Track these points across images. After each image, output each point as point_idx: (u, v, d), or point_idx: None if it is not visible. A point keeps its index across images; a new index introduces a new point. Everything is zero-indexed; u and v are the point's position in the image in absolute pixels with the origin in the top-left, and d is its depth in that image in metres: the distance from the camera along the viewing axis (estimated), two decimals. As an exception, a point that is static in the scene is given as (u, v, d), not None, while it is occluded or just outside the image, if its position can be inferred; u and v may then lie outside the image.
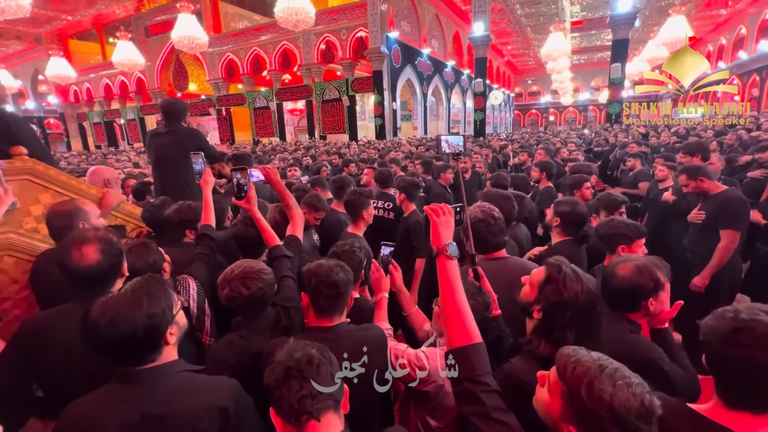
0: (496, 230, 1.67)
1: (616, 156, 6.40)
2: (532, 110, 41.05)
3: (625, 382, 0.74)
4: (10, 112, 2.10)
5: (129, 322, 0.94)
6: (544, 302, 1.12)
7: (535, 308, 1.14)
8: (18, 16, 10.21)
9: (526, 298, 1.18)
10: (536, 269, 1.21)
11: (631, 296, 1.32)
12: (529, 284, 1.20)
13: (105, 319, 0.93)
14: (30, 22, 20.51)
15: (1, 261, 1.91)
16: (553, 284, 1.11)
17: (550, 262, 1.17)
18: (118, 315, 0.94)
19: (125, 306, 0.95)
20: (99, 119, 27.70)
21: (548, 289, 1.12)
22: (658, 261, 1.35)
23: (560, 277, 1.11)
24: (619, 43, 15.12)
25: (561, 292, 1.09)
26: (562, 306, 1.08)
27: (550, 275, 1.13)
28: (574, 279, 1.10)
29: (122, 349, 0.97)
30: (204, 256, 1.74)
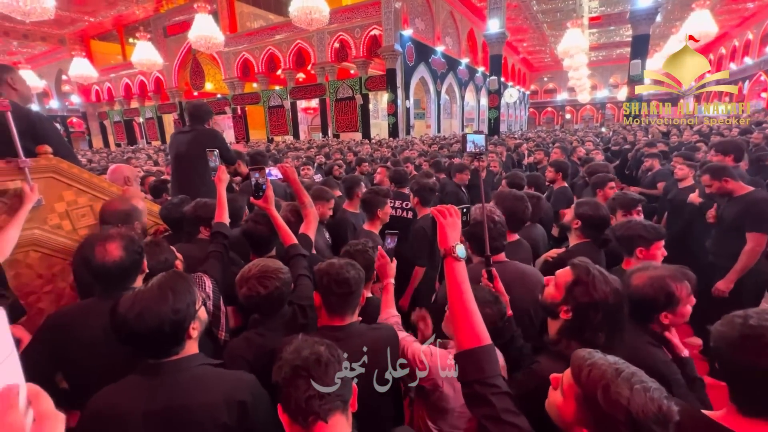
0: (496, 234, 1.66)
1: (635, 155, 6.25)
2: (548, 108, 40.36)
3: (643, 387, 0.73)
4: (36, 112, 2.17)
5: (155, 316, 0.98)
6: (574, 303, 1.11)
7: (562, 309, 1.14)
8: (43, 18, 10.53)
9: (552, 299, 1.18)
10: (561, 270, 1.20)
11: (642, 307, 1.28)
12: (554, 285, 1.19)
13: (133, 313, 0.97)
14: (54, 23, 21.17)
15: (27, 256, 1.98)
16: (583, 286, 1.11)
17: (576, 264, 1.16)
18: (146, 309, 0.97)
19: (152, 300, 0.99)
20: (119, 118, 28.42)
21: (578, 291, 1.11)
22: (679, 273, 1.28)
23: (589, 278, 1.11)
24: (640, 38, 14.71)
25: (591, 294, 1.09)
26: (593, 307, 1.08)
27: (578, 277, 1.13)
28: (603, 280, 1.10)
29: (148, 341, 1.00)
30: (218, 254, 1.77)
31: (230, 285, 1.58)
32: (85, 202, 2.15)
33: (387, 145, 10.33)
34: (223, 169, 2.04)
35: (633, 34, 15.07)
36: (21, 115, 1.89)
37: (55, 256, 2.07)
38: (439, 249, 1.09)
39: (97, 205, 2.19)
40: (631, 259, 1.80)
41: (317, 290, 1.35)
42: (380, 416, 1.35)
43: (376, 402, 1.29)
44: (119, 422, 0.95)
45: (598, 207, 2.00)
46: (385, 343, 1.27)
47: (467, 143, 1.47)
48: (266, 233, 1.87)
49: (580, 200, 2.11)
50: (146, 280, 1.43)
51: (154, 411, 0.96)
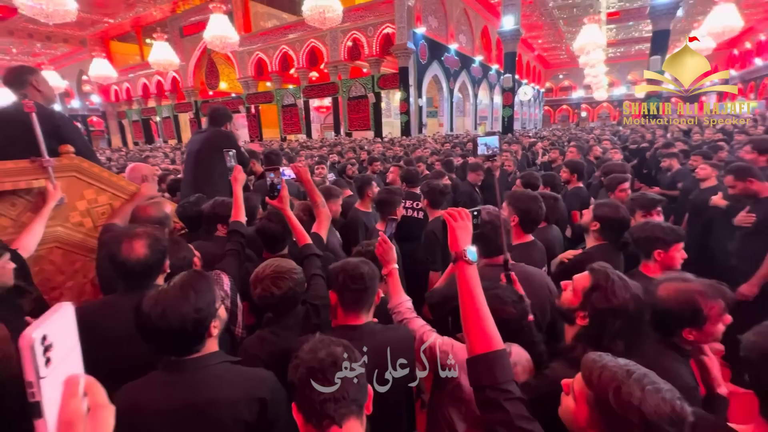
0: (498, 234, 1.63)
1: (653, 154, 6.09)
2: (563, 106, 39.66)
3: (654, 387, 0.71)
4: (59, 112, 2.24)
5: (178, 315, 1.00)
6: (591, 309, 1.09)
7: (578, 315, 1.12)
8: (65, 20, 10.83)
9: (569, 304, 1.16)
10: (579, 275, 1.17)
11: (666, 320, 1.20)
12: (571, 290, 1.17)
13: (156, 312, 0.99)
14: (76, 25, 21.70)
15: (51, 253, 2.04)
16: (601, 292, 1.08)
17: (595, 269, 1.13)
18: (169, 308, 1.00)
19: (175, 300, 1.01)
20: (137, 117, 29.07)
21: (595, 297, 1.09)
22: (713, 289, 1.16)
23: (608, 284, 1.08)
24: (660, 34, 14.32)
25: (610, 300, 1.06)
26: (611, 314, 1.05)
27: (597, 282, 1.10)
28: (622, 286, 1.07)
29: (171, 339, 1.03)
30: (235, 252, 1.79)
31: (246, 282, 1.61)
32: (105, 201, 2.21)
33: (399, 144, 10.30)
34: (239, 168, 2.07)
35: (653, 29, 14.70)
36: (45, 116, 1.94)
37: (77, 252, 2.13)
38: (449, 250, 1.08)
39: (116, 203, 2.25)
40: (648, 261, 1.75)
41: (332, 289, 1.35)
42: (394, 419, 1.35)
43: (390, 405, 1.30)
44: (143, 418, 0.97)
45: (617, 208, 1.94)
46: (401, 344, 1.27)
47: (478, 146, 1.43)
48: (279, 231, 1.89)
49: (599, 201, 2.06)
50: (167, 279, 1.47)
51: (177, 407, 0.99)
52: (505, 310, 1.23)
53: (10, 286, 1.53)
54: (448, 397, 1.32)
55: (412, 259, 2.64)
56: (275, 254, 1.94)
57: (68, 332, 0.43)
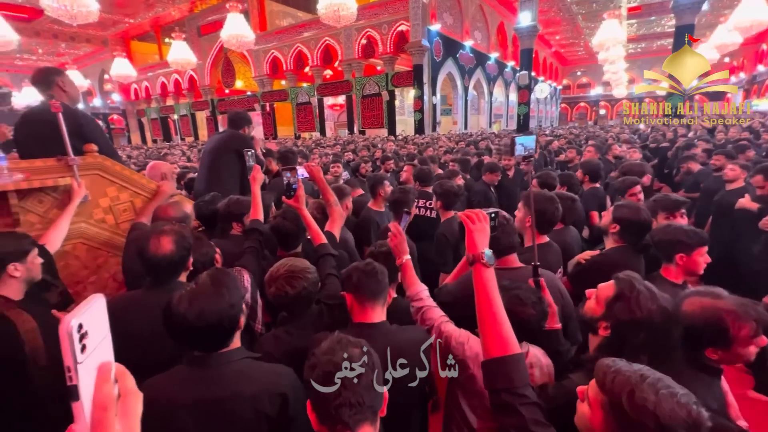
0: (510, 229, 1.62)
1: (675, 153, 5.92)
2: (581, 103, 38.84)
3: (669, 392, 0.70)
4: (83, 112, 2.30)
5: (216, 312, 1.02)
6: (613, 320, 1.05)
7: (601, 325, 1.08)
8: (88, 20, 11.15)
9: (592, 313, 1.12)
10: (604, 284, 1.14)
11: (690, 337, 1.12)
12: (595, 299, 1.14)
13: (193, 312, 1.01)
14: (98, 25, 22.29)
15: (75, 248, 2.11)
16: (625, 302, 1.04)
17: (621, 278, 1.09)
18: (206, 306, 1.02)
19: (211, 297, 1.03)
20: (155, 115, 29.75)
21: (618, 307, 1.05)
22: (745, 309, 1.06)
23: (633, 294, 1.04)
24: (684, 29, 13.85)
25: (633, 311, 1.02)
26: (634, 326, 1.01)
27: (621, 292, 1.07)
28: (649, 297, 1.03)
29: (206, 336, 1.05)
30: (254, 250, 1.82)
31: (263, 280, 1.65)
32: (126, 198, 2.27)
33: (413, 142, 10.27)
34: (257, 168, 2.10)
35: (676, 24, 14.27)
36: (70, 116, 2.01)
37: (100, 248, 2.20)
38: (467, 254, 1.08)
39: (137, 200, 2.31)
40: (670, 265, 1.70)
41: (346, 290, 1.36)
42: (406, 421, 1.36)
43: (404, 405, 1.31)
44: (169, 411, 0.99)
45: (638, 210, 1.88)
46: (417, 345, 1.26)
47: (516, 146, 1.40)
48: (293, 229, 1.91)
49: (619, 203, 1.99)
50: (189, 276, 1.51)
51: (202, 401, 1.01)
52: (524, 312, 1.21)
53: (38, 280, 1.59)
54: (460, 389, 1.33)
55: (423, 258, 2.63)
56: (289, 252, 1.96)
57: (101, 322, 0.46)
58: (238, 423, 1.03)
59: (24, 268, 1.51)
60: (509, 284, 1.28)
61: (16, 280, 1.50)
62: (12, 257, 1.47)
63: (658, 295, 1.04)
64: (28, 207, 1.92)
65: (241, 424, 1.03)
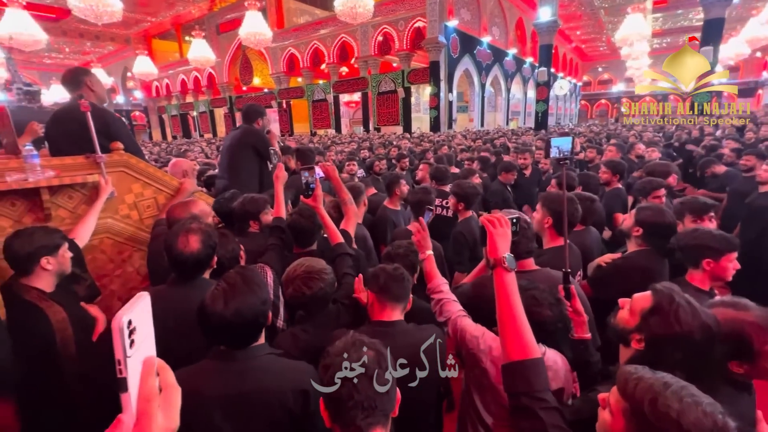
0: (530, 234, 1.59)
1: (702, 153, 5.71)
2: (602, 100, 37.84)
3: (694, 400, 0.67)
4: (110, 111, 2.38)
5: (252, 309, 1.06)
6: (648, 334, 1.00)
7: (634, 337, 1.03)
8: (112, 20, 11.49)
9: (624, 324, 1.07)
10: (639, 294, 1.08)
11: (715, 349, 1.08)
12: (629, 309, 1.08)
13: (230, 311, 1.04)
14: (121, 24, 22.90)
15: (102, 242, 2.19)
16: (662, 316, 0.98)
17: (659, 289, 1.03)
18: (242, 303, 1.05)
19: (245, 295, 1.06)
20: (175, 112, 30.42)
21: (654, 321, 0.99)
22: None
23: (672, 308, 0.98)
24: (713, 23, 13.33)
25: (671, 326, 0.96)
26: (671, 342, 0.95)
27: (658, 304, 1.01)
28: (690, 312, 0.96)
29: (241, 333, 1.08)
30: (276, 247, 1.87)
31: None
32: (150, 194, 2.33)
33: (428, 140, 10.20)
34: (281, 167, 2.14)
35: (705, 18, 13.69)
36: (97, 115, 2.08)
37: (125, 243, 2.27)
38: (487, 258, 1.07)
39: (160, 197, 2.37)
40: (696, 271, 1.65)
41: (371, 289, 1.37)
42: (424, 421, 1.38)
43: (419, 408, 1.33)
44: (199, 404, 1.02)
45: (662, 212, 1.82)
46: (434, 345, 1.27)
47: (551, 148, 1.37)
48: (309, 227, 1.94)
49: (642, 205, 1.93)
50: (213, 274, 1.55)
51: (231, 395, 1.04)
52: (540, 313, 1.20)
53: (68, 273, 1.66)
54: (474, 384, 1.33)
55: (439, 257, 2.62)
56: (305, 249, 1.99)
57: (146, 318, 0.48)
58: (265, 417, 1.06)
59: (56, 262, 1.57)
60: (527, 284, 1.27)
61: (49, 273, 1.56)
62: (45, 251, 1.54)
63: (699, 310, 0.97)
64: (58, 202, 2.00)
65: (267, 417, 1.06)
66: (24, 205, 1.90)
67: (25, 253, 1.50)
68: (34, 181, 1.81)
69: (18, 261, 1.52)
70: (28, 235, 1.52)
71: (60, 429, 1.57)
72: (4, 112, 2.07)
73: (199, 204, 2.01)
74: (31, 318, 1.50)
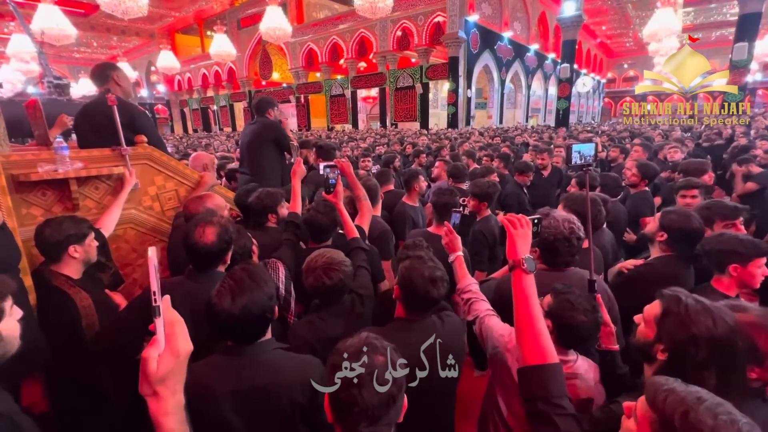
0: (575, 250, 1.54)
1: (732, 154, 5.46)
2: (626, 98, 36.65)
3: (730, 419, 0.63)
4: (136, 105, 2.45)
5: (258, 305, 1.07)
6: (668, 340, 0.96)
7: (657, 349, 0.99)
8: (138, 15, 11.76)
9: (644, 338, 1.03)
10: (648, 306, 1.06)
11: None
12: (643, 322, 1.06)
13: (237, 307, 1.05)
14: (146, 19, 23.38)
15: (126, 233, 2.26)
16: (674, 317, 0.96)
17: (665, 294, 1.01)
18: (250, 300, 1.06)
19: (252, 291, 1.08)
20: (196, 105, 31.03)
21: (669, 325, 0.96)
22: None
23: (680, 308, 0.95)
24: (748, 17, 12.69)
25: (686, 326, 0.93)
26: (693, 342, 0.91)
27: (667, 307, 0.98)
28: (701, 310, 0.93)
29: (248, 329, 1.10)
30: (290, 242, 1.90)
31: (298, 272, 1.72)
32: (171, 187, 2.40)
33: (446, 136, 10.11)
34: (299, 161, 2.17)
35: (740, 12, 13.06)
36: (123, 109, 2.14)
37: (147, 233, 2.34)
38: (507, 257, 1.06)
39: (181, 189, 2.43)
40: (722, 276, 1.59)
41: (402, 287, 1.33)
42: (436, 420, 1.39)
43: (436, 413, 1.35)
44: (208, 398, 1.04)
45: (688, 217, 1.75)
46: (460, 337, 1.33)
47: (572, 154, 1.33)
48: (326, 223, 1.95)
49: (667, 209, 1.84)
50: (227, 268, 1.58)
51: (240, 389, 1.06)
52: (574, 317, 1.17)
53: (94, 261, 1.72)
54: (499, 384, 1.33)
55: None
56: (320, 244, 2.00)
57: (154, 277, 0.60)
58: (275, 411, 1.08)
59: (83, 250, 1.63)
60: (562, 288, 1.25)
61: (76, 261, 1.63)
62: (73, 239, 1.60)
63: (711, 306, 0.94)
64: (86, 193, 2.08)
65: (278, 411, 1.08)
66: (54, 194, 1.97)
67: (54, 241, 1.56)
68: (63, 172, 1.87)
69: (48, 248, 1.59)
70: (58, 224, 1.58)
71: (86, 406, 1.64)
72: (37, 105, 2.15)
73: (215, 198, 2.05)
74: (59, 303, 1.56)
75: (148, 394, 0.61)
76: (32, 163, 1.87)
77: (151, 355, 0.60)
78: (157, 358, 0.60)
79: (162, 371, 0.60)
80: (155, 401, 0.61)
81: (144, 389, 0.61)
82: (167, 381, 0.61)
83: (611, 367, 1.26)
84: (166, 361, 0.60)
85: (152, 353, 0.60)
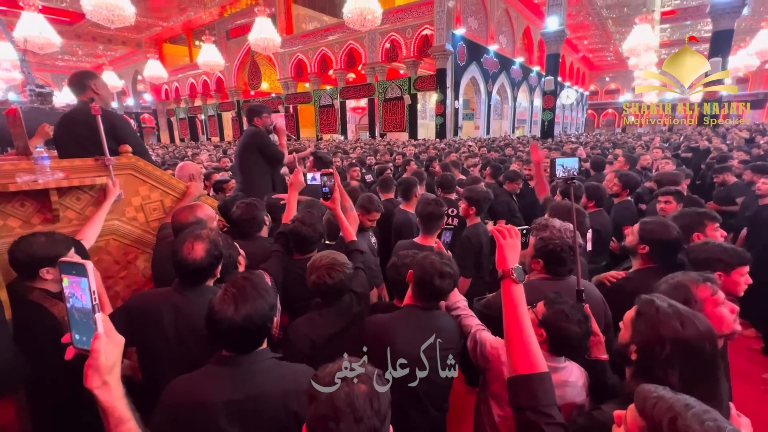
0: (574, 258, 1.55)
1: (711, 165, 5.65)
2: (609, 110, 37.75)
3: (717, 425, 0.64)
4: (117, 114, 2.40)
5: (261, 314, 1.07)
6: (639, 341, 0.99)
7: (631, 349, 1.01)
8: (125, 24, 11.68)
9: (622, 341, 1.06)
10: (629, 311, 1.09)
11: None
12: (623, 325, 1.09)
13: (240, 315, 1.04)
14: (133, 29, 23.37)
15: (108, 244, 2.19)
16: (646, 318, 0.99)
17: (641, 298, 1.04)
18: (253, 309, 1.05)
19: (254, 300, 1.07)
20: (184, 115, 30.79)
21: (641, 324, 0.99)
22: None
23: (652, 310, 0.98)
24: (722, 35, 13.30)
25: (656, 327, 0.95)
26: (660, 341, 0.94)
27: (640, 309, 1.01)
28: (672, 314, 0.96)
29: (249, 338, 1.09)
30: (279, 254, 1.89)
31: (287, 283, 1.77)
32: (156, 197, 2.34)
33: (434, 147, 10.21)
34: (298, 172, 2.17)
35: (713, 29, 13.68)
36: (105, 118, 2.09)
37: (131, 245, 2.28)
38: (496, 267, 1.06)
39: (166, 200, 2.38)
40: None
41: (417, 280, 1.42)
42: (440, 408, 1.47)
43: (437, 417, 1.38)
44: (202, 409, 1.02)
45: (667, 227, 1.76)
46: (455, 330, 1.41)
47: (555, 167, 1.36)
48: (310, 235, 1.94)
49: (645, 219, 1.85)
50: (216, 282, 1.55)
51: (236, 399, 1.04)
52: (568, 328, 1.18)
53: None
54: (492, 397, 1.32)
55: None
56: (305, 256, 1.98)
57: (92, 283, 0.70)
58: (272, 420, 1.06)
59: (56, 272, 1.56)
60: (555, 297, 1.26)
61: (51, 279, 1.57)
62: (46, 262, 1.52)
63: (683, 311, 0.97)
64: (67, 204, 2.01)
65: (275, 421, 1.06)
66: (33, 205, 1.91)
67: (25, 262, 1.51)
68: (43, 183, 1.82)
69: (19, 268, 1.54)
70: (28, 245, 1.51)
71: (68, 423, 1.57)
72: (17, 113, 2.10)
73: (205, 208, 2.01)
74: (37, 316, 1.50)
75: (97, 386, 0.66)
76: (11, 173, 1.80)
77: (100, 347, 0.66)
78: (104, 351, 0.66)
79: (110, 361, 0.67)
80: (107, 391, 0.67)
81: (93, 382, 0.66)
82: (114, 370, 0.68)
83: (601, 377, 1.27)
84: (112, 351, 0.68)
85: (100, 346, 0.66)
